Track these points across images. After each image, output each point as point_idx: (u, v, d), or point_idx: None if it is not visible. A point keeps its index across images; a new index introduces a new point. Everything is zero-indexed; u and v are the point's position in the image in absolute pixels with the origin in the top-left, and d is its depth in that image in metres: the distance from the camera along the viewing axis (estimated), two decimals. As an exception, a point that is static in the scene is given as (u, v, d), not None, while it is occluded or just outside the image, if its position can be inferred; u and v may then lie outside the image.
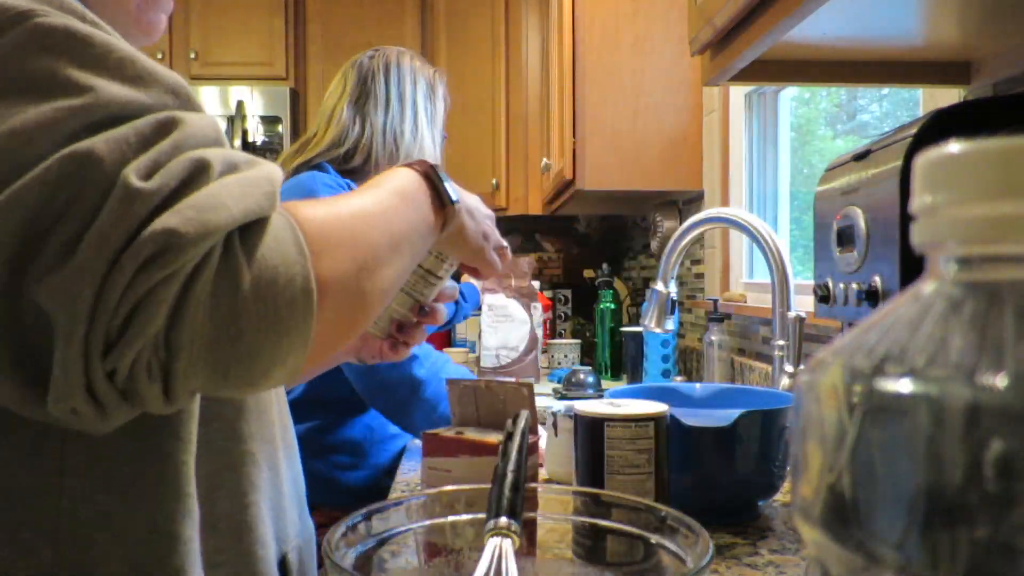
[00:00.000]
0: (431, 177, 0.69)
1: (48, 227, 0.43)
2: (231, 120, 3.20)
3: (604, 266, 2.92)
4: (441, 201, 0.69)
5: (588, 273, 3.23)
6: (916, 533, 0.20)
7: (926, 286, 0.24)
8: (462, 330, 2.86)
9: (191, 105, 0.50)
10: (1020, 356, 0.19)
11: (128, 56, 0.48)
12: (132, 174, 0.43)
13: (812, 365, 0.25)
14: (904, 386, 0.21)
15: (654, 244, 2.46)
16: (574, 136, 2.13)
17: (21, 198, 0.42)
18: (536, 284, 2.89)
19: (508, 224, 3.52)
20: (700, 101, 2.12)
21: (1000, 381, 0.19)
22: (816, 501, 0.23)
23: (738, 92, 2.01)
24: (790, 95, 1.97)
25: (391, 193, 0.64)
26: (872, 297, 0.86)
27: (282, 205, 0.51)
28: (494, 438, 0.81)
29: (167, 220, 0.43)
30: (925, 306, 0.23)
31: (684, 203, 2.34)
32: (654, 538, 0.52)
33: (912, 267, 0.80)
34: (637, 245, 3.06)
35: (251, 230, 0.47)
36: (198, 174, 0.45)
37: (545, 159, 2.65)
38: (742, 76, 1.05)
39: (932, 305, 0.23)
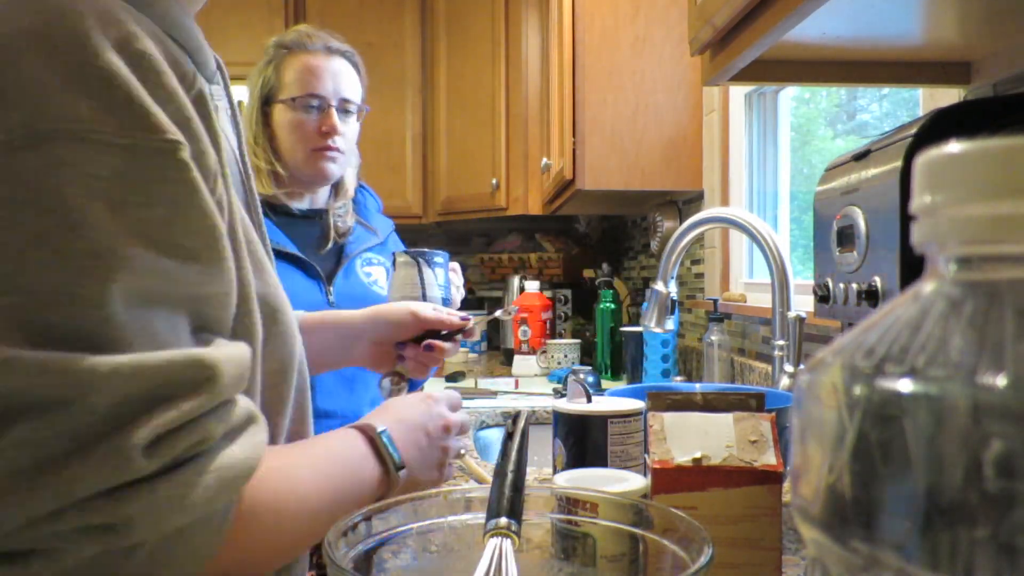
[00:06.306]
0: (376, 444, 0.70)
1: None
2: (231, 120, 3.19)
3: (604, 266, 2.92)
4: (385, 468, 0.70)
5: (588, 273, 3.23)
6: (916, 533, 0.20)
7: (926, 286, 0.24)
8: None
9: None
10: (1020, 356, 0.19)
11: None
12: (141, 444, 0.46)
13: (812, 365, 0.25)
14: (904, 386, 0.21)
15: (654, 244, 2.46)
16: (574, 136, 2.13)
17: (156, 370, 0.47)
18: (536, 284, 2.89)
19: (508, 224, 3.52)
20: (700, 101, 2.12)
21: (1000, 381, 0.19)
22: (816, 501, 0.23)
23: (738, 92, 2.01)
24: (790, 95, 1.97)
25: (345, 479, 0.65)
26: (872, 297, 0.86)
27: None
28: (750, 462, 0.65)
29: (131, 506, 0.45)
30: (925, 306, 0.23)
31: (684, 203, 2.33)
32: (654, 537, 0.52)
33: (912, 267, 0.80)
34: (637, 245, 3.06)
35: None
36: (190, 461, 0.48)
37: (545, 159, 2.65)
38: (742, 76, 1.05)
39: (932, 305, 0.22)
